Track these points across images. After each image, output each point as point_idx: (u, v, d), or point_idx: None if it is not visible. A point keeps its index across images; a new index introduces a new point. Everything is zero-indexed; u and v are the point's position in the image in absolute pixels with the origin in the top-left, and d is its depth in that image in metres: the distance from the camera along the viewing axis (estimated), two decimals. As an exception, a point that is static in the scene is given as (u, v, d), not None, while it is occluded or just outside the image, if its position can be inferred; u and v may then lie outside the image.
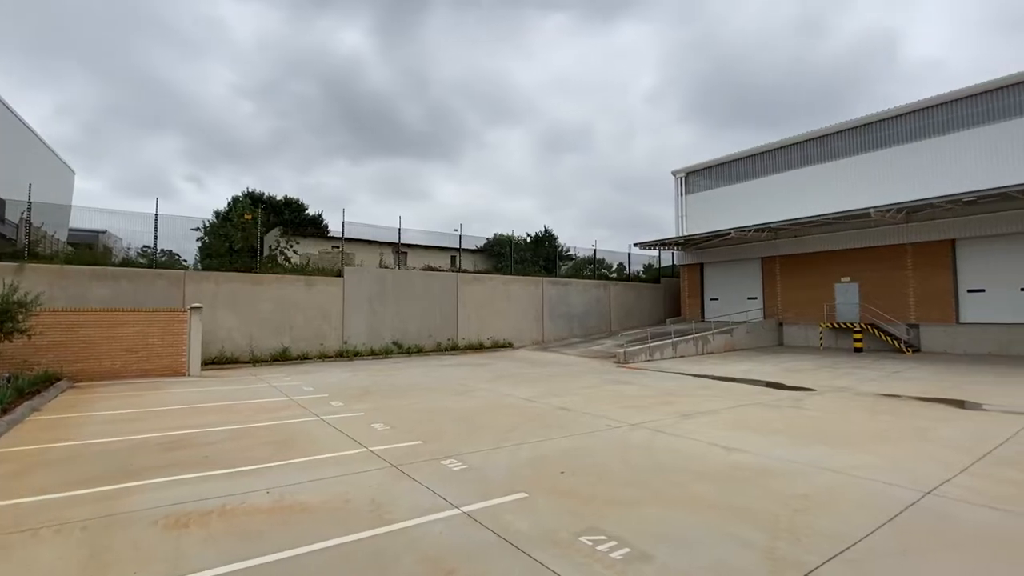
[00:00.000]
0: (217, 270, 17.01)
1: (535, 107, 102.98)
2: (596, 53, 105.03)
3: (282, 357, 16.94)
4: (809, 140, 23.39)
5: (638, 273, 31.50)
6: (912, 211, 18.67)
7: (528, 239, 33.72)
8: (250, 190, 34.87)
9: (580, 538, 3.68)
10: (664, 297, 29.70)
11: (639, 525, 3.93)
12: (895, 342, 19.10)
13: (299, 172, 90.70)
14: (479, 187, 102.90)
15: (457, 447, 6.28)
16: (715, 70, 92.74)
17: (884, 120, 20.95)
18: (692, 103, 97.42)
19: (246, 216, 18.88)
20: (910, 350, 18.75)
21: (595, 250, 29.19)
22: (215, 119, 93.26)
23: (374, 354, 18.67)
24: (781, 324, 23.64)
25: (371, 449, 6.21)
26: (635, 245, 27.83)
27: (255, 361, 16.48)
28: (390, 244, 24.55)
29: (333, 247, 25.55)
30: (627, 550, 3.48)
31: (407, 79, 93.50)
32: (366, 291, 19.39)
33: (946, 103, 19.28)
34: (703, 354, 19.40)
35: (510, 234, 29.00)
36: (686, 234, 26.88)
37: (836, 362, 16.13)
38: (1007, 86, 17.83)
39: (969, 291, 18.52)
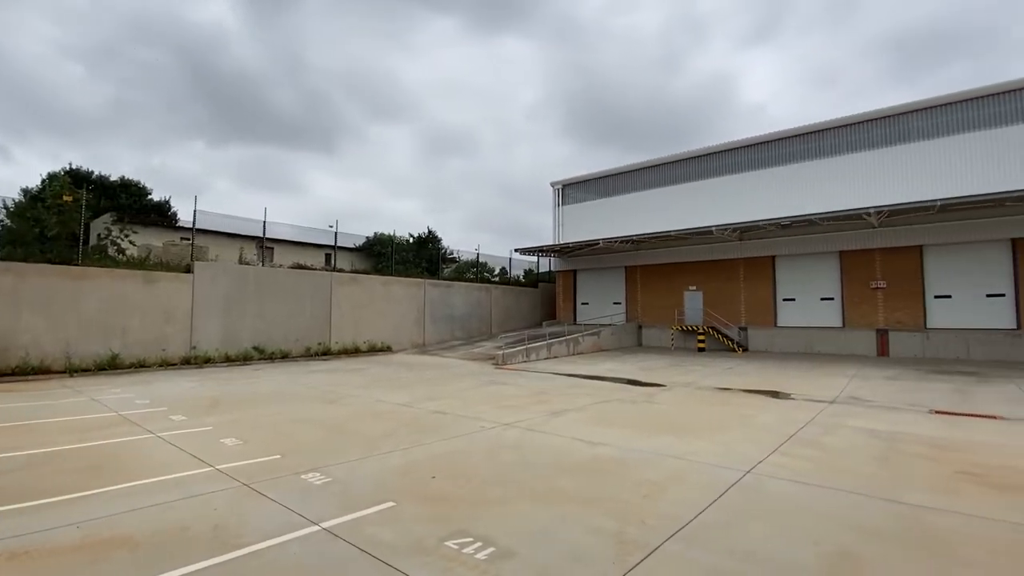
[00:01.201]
0: (21, 260, 13.96)
1: (421, 106, 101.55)
2: (482, 61, 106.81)
3: (111, 366, 14.42)
4: (667, 163, 26.22)
5: (518, 277, 32.58)
6: (744, 231, 21.87)
7: (411, 240, 33.04)
8: (74, 167, 29.36)
9: (446, 543, 3.65)
10: (541, 301, 31.08)
11: (505, 523, 4.02)
12: (729, 342, 22.19)
13: (143, 151, 78.41)
14: (360, 183, 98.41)
15: (321, 459, 5.87)
16: (589, 92, 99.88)
17: (724, 151, 24.28)
18: (569, 120, 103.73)
19: (65, 197, 15.77)
20: (741, 349, 21.94)
21: (478, 254, 29.58)
22: (29, 79, 76.78)
23: (230, 360, 16.78)
24: (640, 327, 26.12)
25: (218, 468, 5.54)
26: (516, 250, 28.77)
27: (72, 371, 13.82)
28: (254, 238, 22.30)
29: (183, 239, 22.50)
30: (492, 549, 3.53)
31: (279, 61, 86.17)
32: (222, 290, 17.35)
33: (770, 142, 22.96)
34: (574, 355, 20.65)
35: (392, 233, 28.16)
36: (562, 242, 28.44)
37: (683, 360, 18.24)
38: (816, 131, 21.78)
39: (784, 300, 22.21)
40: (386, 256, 26.59)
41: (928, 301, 18.91)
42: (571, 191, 30.12)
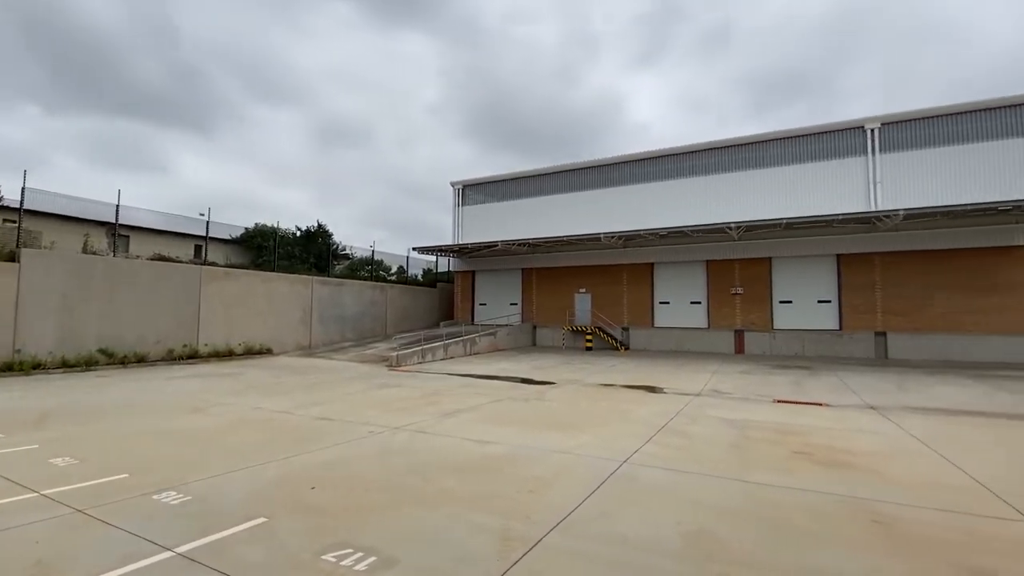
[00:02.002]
0: None
1: (312, 92, 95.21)
2: (381, 53, 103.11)
3: None
4: (562, 172, 27.42)
5: (416, 277, 31.92)
6: (628, 239, 23.59)
7: (298, 233, 30.79)
8: None
9: (324, 556, 3.44)
10: (440, 301, 30.77)
11: (389, 530, 3.89)
12: (613, 341, 23.80)
13: (-51, 111, 63.82)
14: (240, 169, 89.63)
15: (179, 476, 5.22)
16: (490, 96, 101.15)
17: (613, 164, 26.00)
18: (470, 121, 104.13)
19: None
20: (623, 348, 23.63)
21: (373, 251, 28.47)
22: None
23: (68, 366, 14.31)
24: (535, 327, 27.01)
25: (44, 493, 4.68)
26: (414, 249, 28.16)
27: None
28: (104, 224, 19.29)
29: (6, 221, 18.74)
30: (373, 559, 3.40)
31: (141, 23, 75.48)
32: (58, 283, 14.74)
33: (652, 159, 25.04)
34: (471, 355, 20.73)
35: (275, 225, 26.00)
36: (461, 243, 28.43)
37: (573, 359, 19.19)
38: (690, 152, 24.16)
39: (660, 303, 24.35)
40: (268, 250, 24.50)
41: (774, 306, 21.92)
42: (471, 192, 30.24)
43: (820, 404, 9.82)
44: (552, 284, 26.93)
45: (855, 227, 19.92)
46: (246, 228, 27.21)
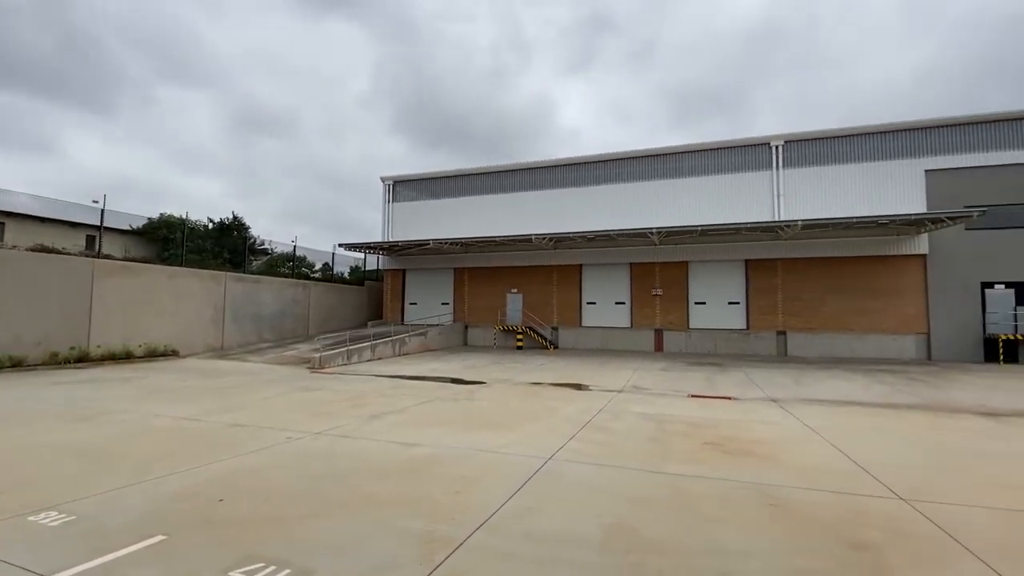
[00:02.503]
0: None
1: (229, 75, 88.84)
2: (307, 39, 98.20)
3: None
4: (495, 172, 27.54)
5: (343, 275, 30.69)
6: (558, 241, 24.15)
7: (211, 225, 28.54)
8: None
9: (231, 573, 3.20)
10: (368, 300, 29.80)
11: (306, 540, 3.70)
12: (543, 341, 24.29)
13: None
14: (143, 153, 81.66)
15: (62, 493, 4.65)
16: (423, 92, 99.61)
17: (545, 167, 26.51)
18: (402, 116, 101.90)
19: None
20: (552, 347, 24.18)
21: (295, 246, 27.01)
22: None
23: (-80, 372, 12.29)
24: (467, 327, 26.93)
25: None
26: (341, 246, 27.06)
27: None
28: (-31, 209, 16.80)
29: None
30: (286, 572, 3.21)
31: (25, -17, 66.63)
32: (-91, 276, 12.62)
33: (582, 164, 25.81)
34: (400, 355, 20.27)
35: (184, 216, 23.91)
36: (391, 240, 27.72)
37: (503, 358, 19.35)
38: (617, 159, 25.16)
39: (588, 303, 25.17)
40: (175, 243, 22.51)
41: (691, 306, 23.39)
42: (402, 189, 29.56)
43: (729, 398, 10.60)
44: (484, 284, 26.98)
45: (761, 235, 21.72)
46: (149, 218, 24.88)
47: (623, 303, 24.55)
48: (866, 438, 7.19)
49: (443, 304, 27.81)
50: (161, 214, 26.07)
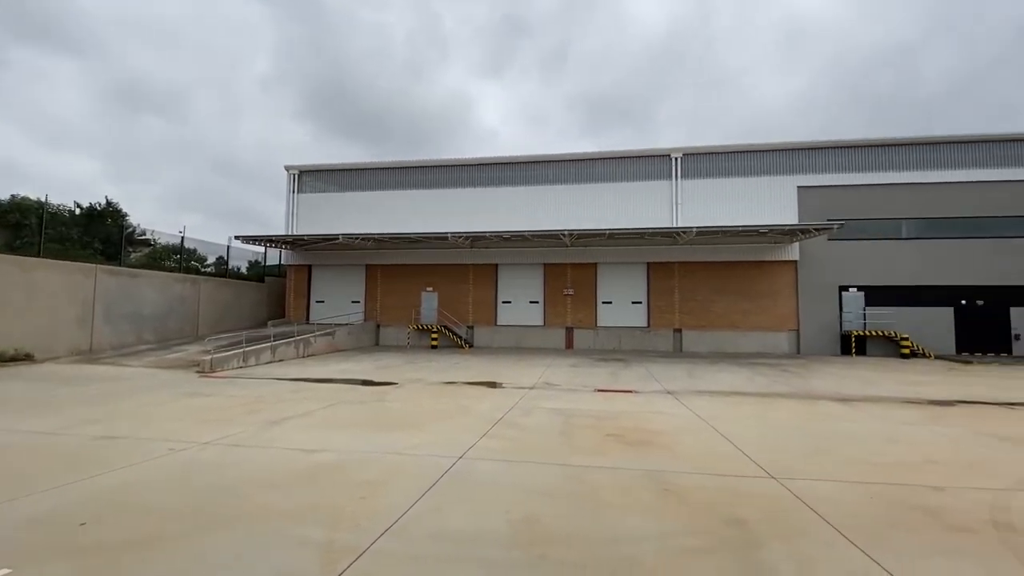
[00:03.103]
0: None
1: (101, 41, 78.31)
2: (198, 10, 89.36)
3: None
4: (411, 167, 26.95)
5: (239, 269, 28.31)
6: (475, 240, 24.21)
7: (78, 211, 24.95)
8: None
9: (93, 606, 2.82)
10: (268, 298, 27.79)
11: (186, 562, 3.36)
12: (458, 340, 24.22)
13: None
14: (-11, 123, 69.46)
15: None
16: (334, 79, 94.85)
17: (462, 165, 26.44)
18: (310, 103, 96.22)
19: None
20: (467, 346, 24.20)
21: (183, 237, 24.43)
22: None
23: None
24: (379, 326, 26.10)
25: None
26: (237, 238, 24.89)
27: None
28: None
29: None
30: (164, 599, 2.90)
31: None
32: None
33: (499, 164, 26.08)
34: (305, 357, 19.14)
35: (43, 199, 20.68)
36: (297, 233, 26.09)
37: (417, 358, 19.01)
38: (533, 162, 25.70)
39: (503, 302, 25.50)
40: (31, 229, 19.43)
41: (599, 306, 24.58)
42: (310, 179, 27.91)
43: (631, 391, 11.28)
44: (398, 282, 26.30)
45: (661, 240, 23.35)
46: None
47: (537, 302, 25.17)
48: (747, 425, 8.00)
49: (353, 302, 26.70)
50: (14, 196, 22.35)
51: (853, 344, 21.80)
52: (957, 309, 21.97)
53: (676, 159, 24.26)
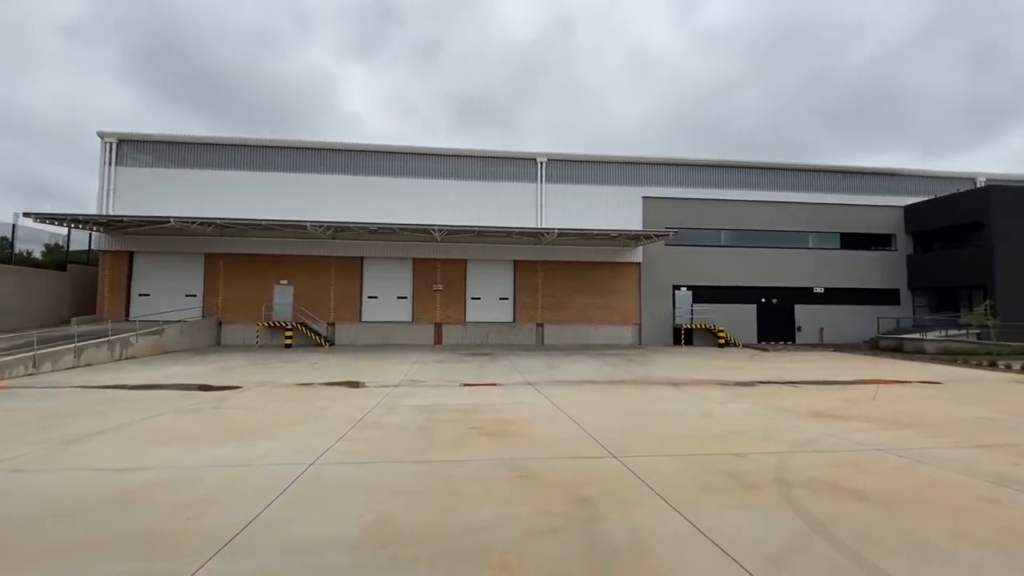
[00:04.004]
0: None
1: None
2: (-21, -78, 70.39)
3: None
4: (265, 147, 24.37)
5: (30, 254, 22.96)
6: (338, 230, 22.80)
7: None
8: None
9: None
10: (73, 290, 23.01)
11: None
12: (318, 338, 22.63)
13: None
14: None
15: None
16: (166, 35, 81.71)
17: (325, 150, 24.67)
18: (134, 60, 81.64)
19: None
20: (328, 344, 22.73)
21: (-60, 212, 18.99)
22: None
23: None
24: (221, 323, 23.21)
25: None
26: (26, 215, 20.13)
27: None
28: None
29: None
30: None
31: None
32: None
33: (367, 152, 24.88)
34: (123, 359, 16.25)
35: None
36: (113, 213, 21.96)
37: (268, 358, 17.32)
38: (405, 153, 24.97)
39: (369, 297, 24.44)
40: None
41: (468, 301, 24.88)
42: (133, 151, 23.66)
43: (495, 384, 11.62)
44: (246, 274, 23.62)
45: (527, 239, 24.43)
46: None
47: (405, 298, 24.60)
48: (595, 410, 8.76)
49: (188, 296, 23.35)
50: None
51: (683, 336, 25.14)
52: (759, 306, 26.61)
53: (542, 163, 25.54)
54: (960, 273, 24.82)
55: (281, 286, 23.75)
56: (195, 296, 23.37)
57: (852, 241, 27.66)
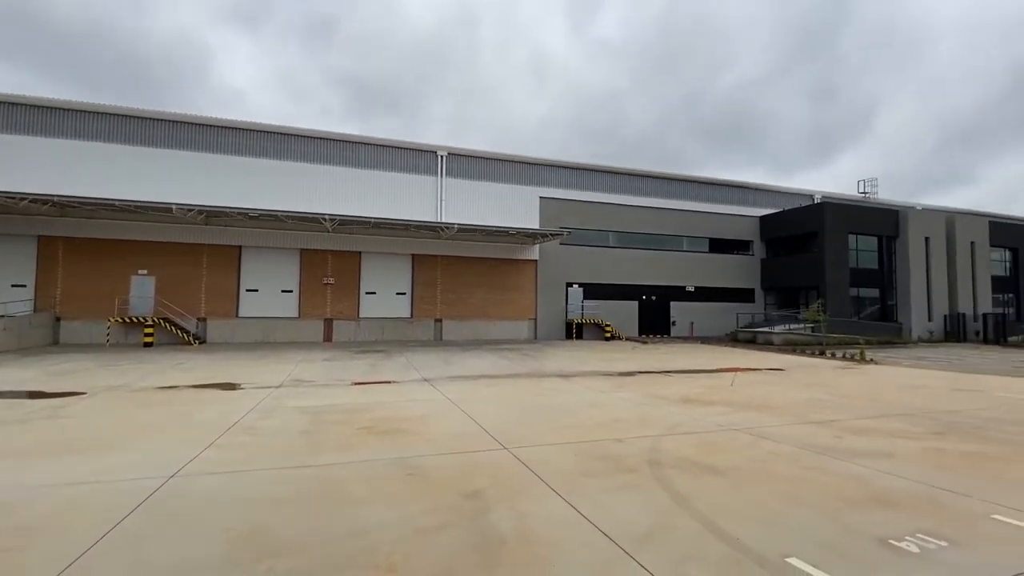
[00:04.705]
0: None
1: None
2: None
3: None
4: (118, 115, 21.12)
5: None
6: (211, 215, 20.54)
7: None
8: None
9: None
10: None
11: None
12: (185, 335, 20.22)
13: None
14: None
15: None
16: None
17: (197, 124, 22.04)
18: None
19: None
20: (197, 342, 20.41)
21: None
22: None
23: None
24: (59, 319, 19.78)
25: None
26: None
27: None
28: None
29: None
30: None
31: None
32: None
33: (248, 131, 22.67)
34: (-85, 364, 13.14)
35: None
36: (-99, 183, 17.65)
37: (121, 359, 15.13)
38: (293, 135, 23.12)
39: (248, 290, 22.37)
40: None
41: (362, 296, 23.86)
42: (-69, 107, 19.17)
43: (389, 382, 11.30)
44: (94, 262, 20.35)
45: (426, 233, 24.04)
46: None
47: (291, 291, 22.91)
48: (490, 404, 8.89)
49: (15, 287, 19.57)
50: None
51: (574, 330, 26.48)
52: (640, 303, 28.88)
53: (442, 156, 25.25)
54: (800, 275, 29.10)
55: (140, 276, 20.83)
56: (26, 287, 19.64)
57: (719, 246, 31.12)
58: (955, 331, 28.50)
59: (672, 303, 29.58)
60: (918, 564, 3.33)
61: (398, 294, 24.50)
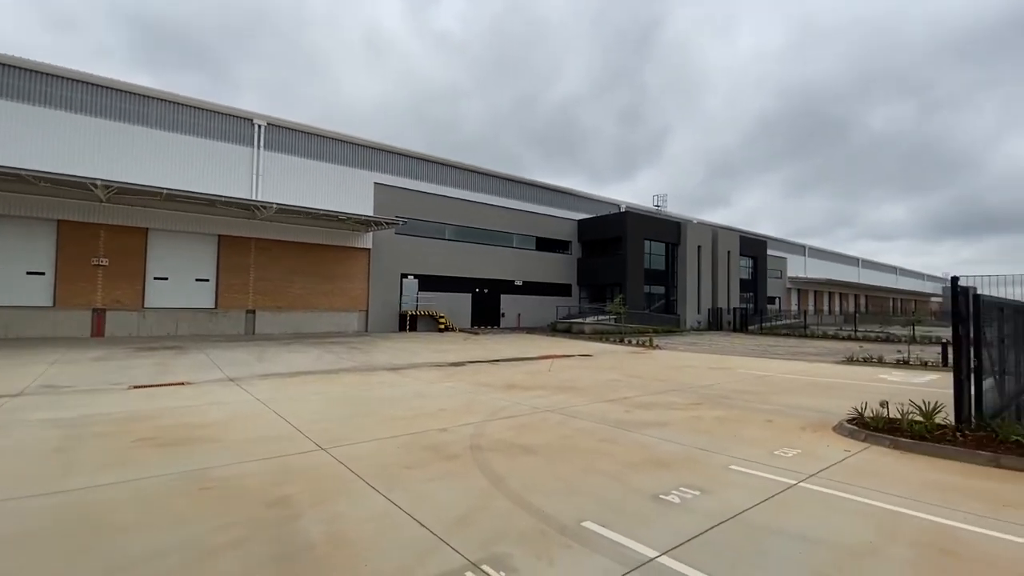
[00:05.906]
0: None
1: None
2: None
3: None
4: None
5: None
6: None
7: None
8: None
9: None
10: None
11: None
12: None
13: None
14: None
15: None
16: None
17: None
18: None
19: None
20: None
21: None
22: None
23: None
24: None
25: None
26: None
27: None
28: None
29: None
30: None
31: None
32: None
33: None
34: None
35: None
36: None
37: None
38: (48, 74, 18.00)
39: (-29, 270, 16.89)
40: None
41: (148, 282, 19.92)
42: None
43: (182, 383, 9.66)
44: None
45: (238, 211, 21.11)
46: None
47: (42, 274, 18.04)
48: (308, 402, 8.23)
49: None
50: None
51: (408, 322, 26.11)
52: (473, 295, 29.79)
53: (260, 127, 22.42)
54: (608, 274, 33.21)
55: None
56: None
57: (544, 244, 33.74)
58: (716, 322, 35.71)
59: (502, 296, 31.15)
60: (679, 512, 4.06)
61: (199, 280, 21.10)
